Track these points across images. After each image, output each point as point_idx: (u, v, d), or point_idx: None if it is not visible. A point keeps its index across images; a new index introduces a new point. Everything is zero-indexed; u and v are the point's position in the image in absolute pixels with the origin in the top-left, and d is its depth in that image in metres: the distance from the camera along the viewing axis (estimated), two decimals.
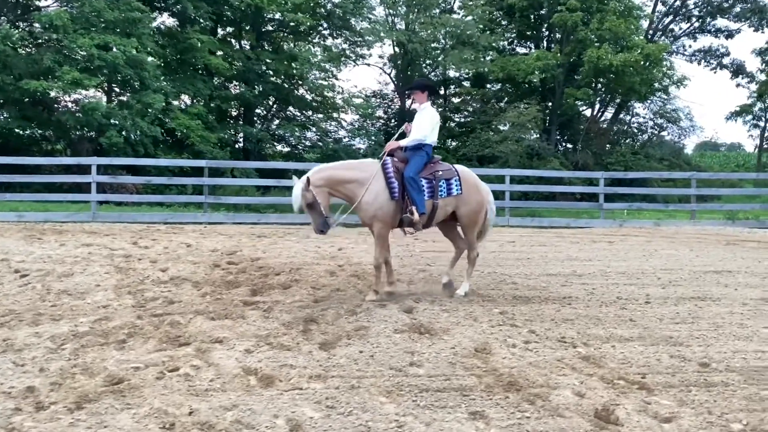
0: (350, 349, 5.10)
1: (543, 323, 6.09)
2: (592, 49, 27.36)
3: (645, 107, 34.24)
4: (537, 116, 28.50)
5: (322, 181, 6.84)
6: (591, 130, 31.48)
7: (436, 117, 7.43)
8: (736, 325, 6.18)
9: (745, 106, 38.60)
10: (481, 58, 29.98)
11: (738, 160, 53.06)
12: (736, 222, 17.01)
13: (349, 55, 29.35)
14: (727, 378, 4.59)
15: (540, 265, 9.72)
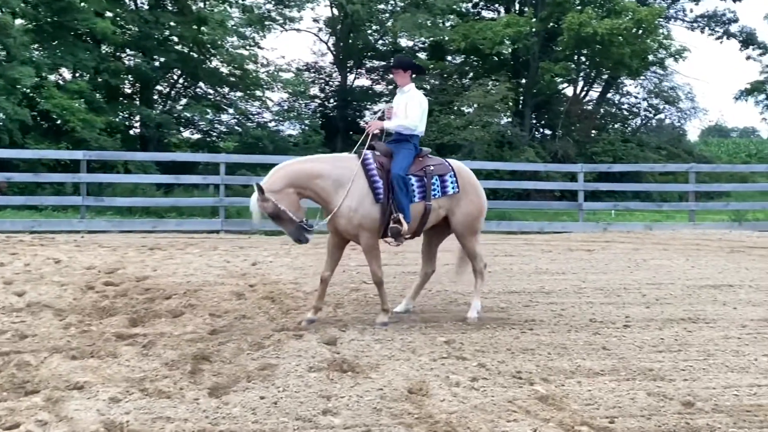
0: (248, 395, 4.97)
1: (497, 354, 6.09)
2: (573, 13, 27.77)
3: (637, 85, 34.99)
4: (508, 96, 28.81)
5: (282, 181, 6.80)
6: (573, 113, 31.98)
7: (425, 103, 7.51)
8: (730, 352, 6.29)
9: (757, 83, 39.87)
10: (440, 23, 30.14)
11: (750, 148, 54.91)
12: (744, 224, 17.51)
13: (275, 17, 29.11)
14: (713, 420, 4.64)
15: (502, 280, 9.77)
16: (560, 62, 29.58)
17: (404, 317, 7.47)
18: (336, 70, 32.87)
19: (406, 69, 7.56)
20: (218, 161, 16.44)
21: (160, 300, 7.92)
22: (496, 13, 33.80)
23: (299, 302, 8.01)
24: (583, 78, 33.83)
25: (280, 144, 26.95)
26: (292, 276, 9.71)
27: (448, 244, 8.03)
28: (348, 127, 31.91)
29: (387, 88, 33.51)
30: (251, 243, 13.05)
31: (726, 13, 37.27)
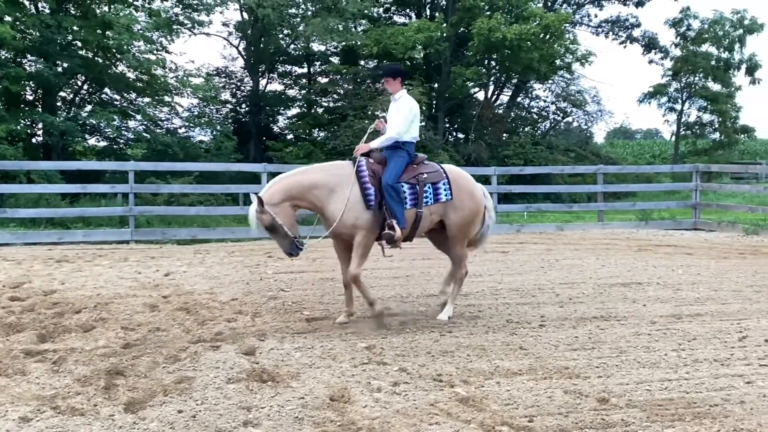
0: (166, 409, 4.88)
1: (417, 358, 6.15)
2: (483, 19, 28.30)
3: (546, 89, 35.90)
4: (421, 100, 29.05)
5: (280, 195, 7.07)
6: (485, 117, 32.55)
7: (415, 108, 7.63)
8: (641, 349, 6.52)
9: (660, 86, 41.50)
10: (352, 28, 30.22)
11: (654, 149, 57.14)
12: (650, 223, 18.18)
13: (184, 21, 28.54)
14: (627, 416, 4.80)
15: (420, 284, 9.88)
16: (471, 67, 30.08)
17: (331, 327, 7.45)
18: (247, 75, 32.48)
19: (396, 76, 7.71)
20: (126, 169, 15.99)
21: (70, 314, 7.67)
22: (408, 18, 34.11)
23: (215, 312, 7.89)
24: (493, 82, 34.47)
25: (190, 150, 26.42)
26: (207, 286, 9.55)
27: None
28: (261, 132, 31.60)
29: (300, 93, 33.37)
30: (163, 253, 12.77)
31: (629, 18, 38.69)
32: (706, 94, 39.91)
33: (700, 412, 4.88)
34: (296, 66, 33.85)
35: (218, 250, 13.19)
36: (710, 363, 6.07)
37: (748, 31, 39.02)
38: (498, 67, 32.81)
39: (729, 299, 8.85)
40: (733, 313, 8.09)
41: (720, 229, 17.26)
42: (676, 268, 11.24)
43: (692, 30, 39.63)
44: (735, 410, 4.93)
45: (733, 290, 9.42)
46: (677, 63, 39.39)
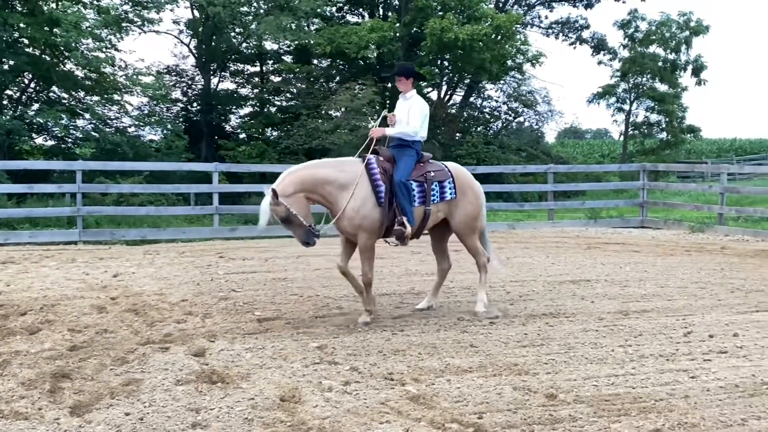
0: (113, 412, 4.80)
1: (368, 357, 6.15)
2: (435, 19, 28.47)
3: (498, 89, 36.27)
4: (375, 99, 29.12)
5: (294, 186, 7.15)
6: (438, 117, 32.71)
7: (426, 109, 7.87)
8: (589, 345, 6.62)
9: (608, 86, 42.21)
10: (305, 27, 30.13)
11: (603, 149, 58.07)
12: (599, 221, 18.46)
13: (133, 19, 28.14)
14: (575, 411, 4.87)
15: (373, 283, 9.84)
16: (424, 67, 30.18)
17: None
18: (199, 73, 32.15)
19: (408, 76, 7.85)
20: (74, 168, 15.65)
21: (15, 316, 7.50)
22: (361, 17, 34.13)
23: (164, 314, 7.78)
24: (446, 82, 34.71)
25: (140, 150, 26.08)
26: (157, 287, 9.42)
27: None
28: (212, 131, 31.31)
29: (252, 92, 33.14)
30: (112, 254, 12.56)
31: (578, 20, 39.28)
32: (653, 94, 40.72)
33: (646, 407, 4.96)
34: (248, 64, 33.63)
35: (168, 251, 13.02)
36: (656, 358, 6.19)
37: (694, 32, 39.92)
38: (450, 67, 33.04)
39: (674, 295, 9.04)
40: (678, 309, 8.26)
41: (666, 226, 17.60)
42: (624, 266, 11.43)
43: (640, 32, 40.42)
44: (679, 404, 5.03)
45: (679, 287, 9.62)
46: (625, 64, 40.09)
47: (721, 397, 5.17)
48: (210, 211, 15.76)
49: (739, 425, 4.64)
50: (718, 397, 5.19)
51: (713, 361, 6.09)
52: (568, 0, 38.37)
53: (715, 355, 6.28)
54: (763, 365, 5.98)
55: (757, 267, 11.40)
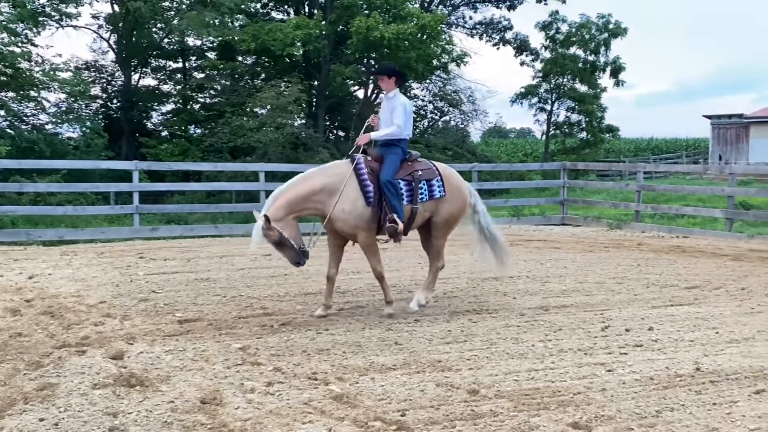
0: (26, 418, 4.64)
1: (292, 357, 6.11)
2: (361, 17, 28.49)
3: (423, 88, 36.55)
4: (301, 97, 28.98)
5: (283, 210, 7.26)
6: (364, 115, 32.75)
7: (409, 106, 8.01)
8: (511, 340, 6.73)
9: (531, 87, 43.07)
10: (228, 23, 29.74)
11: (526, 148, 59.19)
12: (522, 219, 18.77)
13: (51, 13, 27.30)
14: (496, 406, 4.93)
15: (298, 282, 9.82)
16: (351, 65, 30.21)
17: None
18: (119, 70, 31.38)
19: (391, 75, 7.96)
20: None
21: None
22: (286, 14, 33.89)
23: (82, 316, 7.56)
24: (373, 81, 34.74)
25: (58, 148, 25.30)
26: (74, 288, 9.15)
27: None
28: (134, 129, 30.62)
29: (175, 88, 32.54)
30: (27, 254, 12.15)
31: (501, 21, 39.88)
32: (573, 95, 41.73)
33: (564, 400, 5.07)
34: (170, 61, 33.00)
35: (87, 252, 12.66)
36: (574, 352, 6.33)
37: (613, 35, 41.07)
38: (377, 65, 33.07)
39: (593, 291, 9.27)
40: (596, 304, 8.48)
41: (586, 224, 18.04)
42: (545, 262, 11.67)
43: (561, 33, 41.35)
44: (596, 397, 5.15)
45: (597, 282, 9.87)
46: (547, 65, 40.97)
47: (637, 390, 5.32)
48: (130, 210, 15.39)
49: (654, 417, 4.77)
50: (634, 389, 5.33)
51: (629, 355, 6.26)
52: (492, 1, 38.92)
53: (631, 349, 6.46)
54: (676, 358, 6.17)
55: (671, 262, 11.78)
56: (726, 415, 4.80)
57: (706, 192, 21.88)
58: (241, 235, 15.61)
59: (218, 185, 20.19)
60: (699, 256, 12.66)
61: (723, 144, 46.99)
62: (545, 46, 41.90)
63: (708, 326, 7.34)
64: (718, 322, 7.51)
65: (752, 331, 7.10)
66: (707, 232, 15.75)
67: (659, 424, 4.62)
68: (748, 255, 12.64)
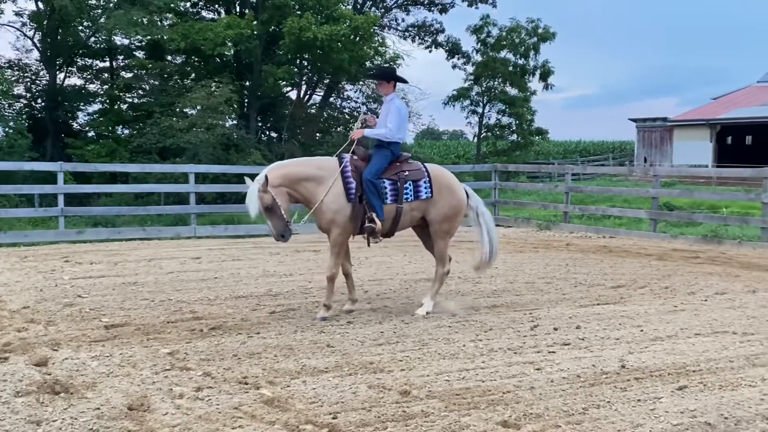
0: None
1: (223, 362, 6.03)
2: (293, 18, 28.34)
3: (357, 90, 36.56)
4: (232, 98, 28.68)
5: (280, 179, 7.46)
6: (298, 116, 32.64)
7: (404, 110, 8.19)
8: (442, 341, 6.78)
9: (463, 89, 43.52)
10: (157, 22, 29.22)
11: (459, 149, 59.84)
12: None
13: None
14: (427, 406, 4.96)
15: (229, 285, 9.70)
16: (283, 66, 30.02)
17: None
18: (43, 68, 30.52)
19: (389, 80, 8.21)
20: None
21: None
22: (217, 14, 33.47)
23: (4, 322, 7.33)
24: (306, 82, 34.63)
25: None
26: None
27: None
28: (59, 129, 29.84)
29: (102, 88, 31.81)
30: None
31: (434, 23, 40.20)
32: (504, 98, 42.33)
33: (494, 399, 5.13)
34: (97, 60, 32.29)
35: (9, 255, 12.27)
36: (504, 352, 6.42)
37: (542, 39, 41.82)
38: (310, 67, 33.00)
39: (522, 291, 9.43)
40: (526, 303, 8.63)
41: (516, 224, 18.33)
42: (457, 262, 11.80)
43: (492, 37, 41.87)
44: (525, 396, 5.23)
45: (527, 282, 10.05)
46: (478, 68, 41.45)
47: (564, 388, 5.42)
48: (55, 213, 14.99)
49: (581, 414, 4.88)
50: (562, 387, 5.44)
51: (557, 353, 6.38)
52: (424, 4, 39.20)
53: (559, 347, 6.59)
54: (603, 356, 6.32)
55: (598, 262, 12.08)
56: (650, 411, 4.93)
57: (631, 193, 22.46)
58: (170, 237, 15.40)
59: (146, 187, 19.82)
60: (625, 255, 13.01)
61: (648, 146, 48.39)
62: (477, 50, 42.43)
63: (633, 324, 7.54)
64: (643, 320, 7.72)
65: (675, 329, 7.32)
66: (632, 233, 16.19)
67: (586, 421, 4.73)
68: (672, 254, 13.05)
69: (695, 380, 5.61)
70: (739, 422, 4.71)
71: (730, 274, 10.86)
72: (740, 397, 5.19)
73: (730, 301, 8.89)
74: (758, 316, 7.93)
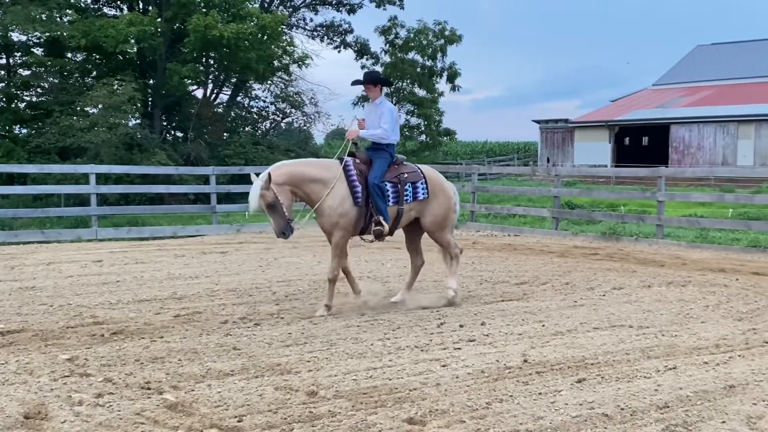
0: None
1: (125, 367, 5.87)
2: (199, 15, 27.82)
3: (265, 89, 36.16)
4: (135, 96, 27.88)
5: (284, 177, 7.63)
6: (204, 116, 32.03)
7: (395, 112, 8.46)
8: (351, 340, 6.80)
9: None
10: (57, 18, 28.16)
11: None
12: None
13: None
14: (334, 406, 4.96)
15: (132, 289, 9.47)
16: (188, 64, 29.37)
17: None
18: None
19: (377, 83, 8.42)
20: None
21: None
22: (119, 10, 32.52)
23: None
24: (212, 81, 34.05)
25: None
26: None
27: None
28: None
29: None
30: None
31: (342, 24, 40.18)
32: (413, 98, 42.74)
33: (401, 397, 5.17)
34: None
35: None
36: (411, 349, 6.48)
37: (449, 41, 42.42)
38: (216, 65, 32.45)
39: (430, 289, 9.55)
40: None
41: None
42: (386, 262, 11.89)
43: (400, 38, 42.21)
44: (431, 392, 5.29)
45: (434, 281, 10.17)
46: (387, 69, 41.66)
47: (469, 383, 5.51)
48: None
49: (484, 408, 4.97)
50: (466, 383, 5.53)
51: (463, 350, 6.49)
52: (332, 4, 39.14)
53: (464, 344, 6.70)
54: (506, 351, 6.46)
55: (503, 260, 12.35)
56: (551, 403, 5.07)
57: (535, 193, 23.04)
58: (70, 240, 14.90)
59: (46, 188, 19.12)
60: (528, 253, 13.34)
61: (551, 147, 49.75)
62: (385, 51, 42.66)
63: (535, 320, 7.74)
64: (545, 316, 7.93)
65: (575, 323, 7.56)
66: (536, 231, 16.63)
67: (489, 416, 4.82)
68: (573, 251, 13.46)
69: (593, 373, 5.80)
70: (634, 413, 4.89)
71: (627, 270, 11.28)
72: (636, 389, 5.39)
73: (626, 295, 9.23)
74: (653, 310, 8.27)
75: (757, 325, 7.57)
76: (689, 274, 10.92)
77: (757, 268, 11.38)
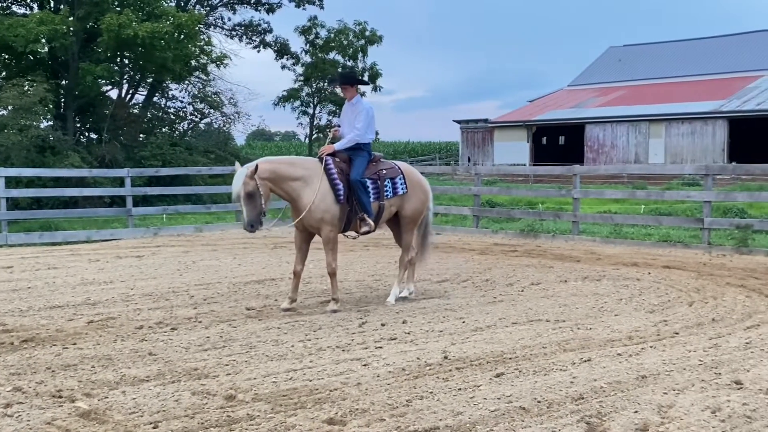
0: None
1: (35, 375, 5.68)
2: (112, 14, 27.11)
3: (182, 89, 35.49)
4: (47, 97, 26.97)
5: (268, 173, 7.77)
6: (119, 117, 31.22)
7: (371, 111, 8.55)
8: (271, 342, 6.73)
9: (293, 90, 43.44)
10: None
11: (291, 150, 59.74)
12: (288, 221, 18.82)
13: None
14: (253, 410, 4.90)
15: (44, 295, 9.16)
16: (102, 64, 28.57)
17: None
18: None
19: (352, 84, 8.71)
20: None
21: None
22: (29, 8, 31.44)
23: None
24: (127, 81, 33.22)
25: None
26: None
27: None
28: None
29: None
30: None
31: (261, 23, 39.79)
32: (334, 98, 42.64)
33: (321, 398, 5.15)
34: None
35: None
36: (333, 350, 6.46)
37: (370, 41, 42.51)
38: (131, 65, 31.69)
39: (353, 288, 9.55)
40: (355, 301, 8.74)
41: None
42: (308, 263, 11.77)
43: (320, 38, 42.09)
44: (352, 392, 5.28)
45: (357, 280, 10.18)
46: (308, 69, 41.51)
47: (390, 381, 5.53)
48: None
49: (404, 406, 4.99)
50: (387, 381, 5.54)
51: (384, 348, 6.51)
52: (250, 3, 38.71)
53: (386, 342, 6.72)
54: (427, 348, 6.51)
55: None
56: (470, 399, 5.12)
57: (456, 192, 23.27)
58: None
59: None
60: (450, 251, 13.48)
61: (471, 147, 50.46)
62: (306, 51, 42.45)
63: (456, 316, 7.82)
64: (465, 312, 8.03)
65: (494, 319, 7.67)
66: (458, 229, 16.82)
67: (409, 413, 4.84)
68: (493, 249, 13.67)
69: (512, 367, 5.90)
70: (551, 405, 4.99)
71: (544, 266, 11.53)
72: (552, 381, 5.50)
73: (544, 291, 9.43)
74: (569, 304, 8.47)
75: (668, 317, 7.83)
76: (604, 268, 11.23)
77: (668, 262, 11.78)
